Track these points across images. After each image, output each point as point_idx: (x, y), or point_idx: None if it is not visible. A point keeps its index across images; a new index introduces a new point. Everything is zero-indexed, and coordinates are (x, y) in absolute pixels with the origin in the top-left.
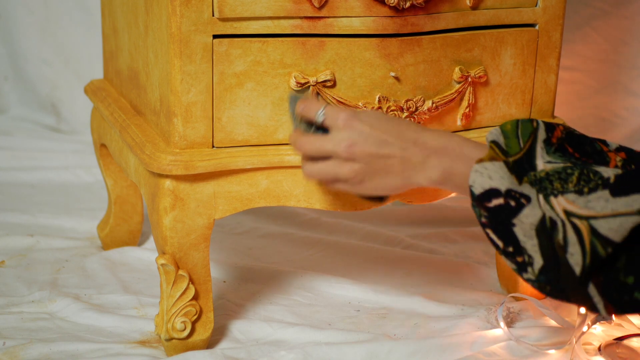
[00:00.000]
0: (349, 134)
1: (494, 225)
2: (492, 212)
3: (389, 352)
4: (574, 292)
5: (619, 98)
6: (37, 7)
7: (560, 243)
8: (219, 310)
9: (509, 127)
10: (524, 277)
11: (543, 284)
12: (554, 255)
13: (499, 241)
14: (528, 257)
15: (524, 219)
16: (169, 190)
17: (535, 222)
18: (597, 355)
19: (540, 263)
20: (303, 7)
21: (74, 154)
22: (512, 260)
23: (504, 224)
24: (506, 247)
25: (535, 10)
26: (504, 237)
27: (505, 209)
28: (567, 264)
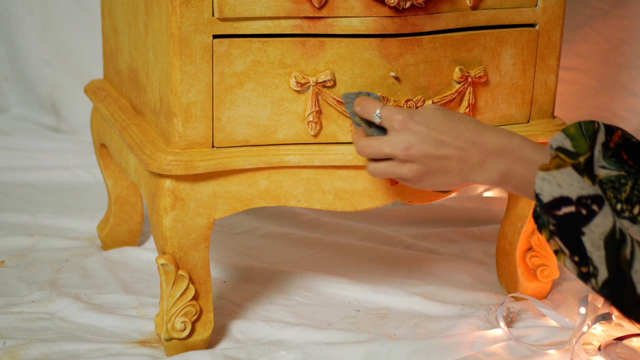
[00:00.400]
0: (406, 136)
1: (562, 233)
2: (562, 221)
3: (388, 352)
4: (633, 309)
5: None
6: (37, 7)
7: (626, 258)
8: (219, 310)
9: (573, 130)
10: (588, 285)
11: (604, 296)
12: (619, 270)
13: (566, 250)
14: (593, 269)
15: (595, 229)
16: (169, 190)
17: (606, 232)
18: (597, 355)
19: (605, 275)
20: (303, 7)
21: (74, 154)
22: (577, 270)
23: (573, 233)
24: (572, 255)
25: (535, 10)
26: (571, 246)
27: (576, 218)
28: (630, 280)
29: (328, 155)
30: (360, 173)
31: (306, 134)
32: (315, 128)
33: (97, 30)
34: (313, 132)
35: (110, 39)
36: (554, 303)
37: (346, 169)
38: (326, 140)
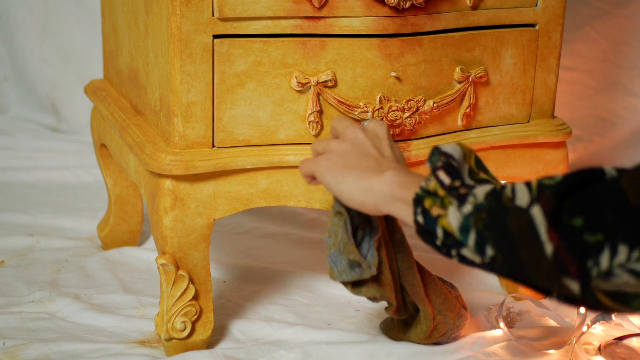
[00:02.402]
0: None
1: (447, 168)
2: (450, 164)
3: (389, 353)
4: (515, 218)
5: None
6: (37, 7)
7: (508, 196)
8: (219, 310)
9: None
10: (463, 212)
11: (479, 211)
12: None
13: (447, 178)
14: (473, 193)
15: (478, 190)
16: (169, 190)
17: (488, 190)
18: (597, 355)
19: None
20: (303, 7)
21: (74, 154)
22: (454, 194)
23: (457, 172)
24: (453, 182)
25: (535, 10)
26: (453, 176)
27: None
28: (514, 207)
29: None
30: None
31: (307, 133)
32: (316, 128)
33: (97, 30)
34: (314, 132)
35: (110, 39)
36: (554, 303)
37: None
38: None
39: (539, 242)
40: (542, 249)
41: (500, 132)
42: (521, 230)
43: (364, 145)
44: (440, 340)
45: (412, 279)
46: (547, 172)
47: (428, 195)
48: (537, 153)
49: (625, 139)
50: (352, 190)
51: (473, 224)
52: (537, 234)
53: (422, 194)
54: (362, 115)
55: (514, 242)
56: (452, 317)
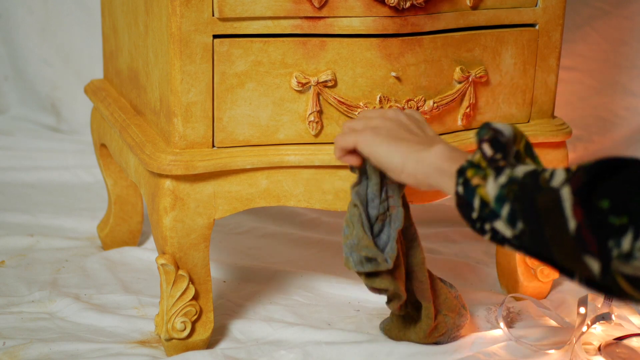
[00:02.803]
0: (407, 111)
1: (492, 142)
2: (497, 139)
3: (389, 353)
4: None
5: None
6: (37, 7)
7: (546, 177)
8: (219, 310)
9: None
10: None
11: (511, 184)
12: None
13: (489, 150)
14: (511, 166)
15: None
16: (169, 190)
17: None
18: (597, 355)
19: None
20: (303, 7)
21: (74, 154)
22: (493, 165)
23: (501, 146)
24: (495, 154)
25: (535, 10)
26: (496, 148)
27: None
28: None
29: (328, 155)
30: None
31: (307, 133)
32: (316, 128)
33: (97, 30)
34: (314, 132)
35: (110, 39)
36: (554, 303)
37: (346, 169)
38: (327, 140)
39: (563, 218)
40: (565, 225)
41: None
42: (548, 206)
43: (407, 124)
44: (440, 339)
45: (421, 276)
46: None
47: (471, 166)
48: (537, 153)
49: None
50: (405, 160)
51: (506, 195)
52: (562, 209)
53: (466, 165)
54: None
55: (540, 217)
56: (453, 317)
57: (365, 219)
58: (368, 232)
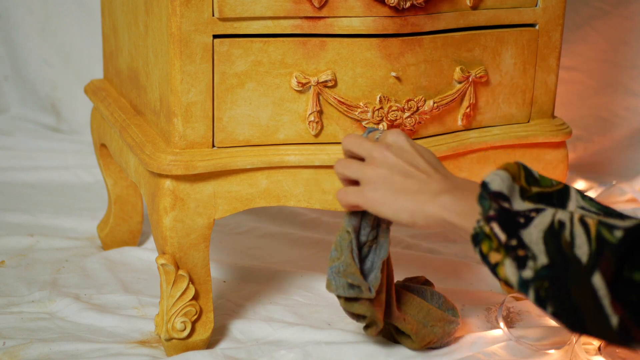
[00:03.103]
0: (391, 141)
1: (500, 220)
2: (502, 212)
3: (388, 353)
4: (577, 285)
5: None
6: (37, 7)
7: (567, 240)
8: (219, 310)
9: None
10: (522, 275)
11: (541, 280)
12: (560, 254)
13: (502, 234)
14: (532, 254)
15: (532, 230)
16: (169, 190)
17: (545, 227)
18: (597, 355)
19: (545, 261)
20: (303, 7)
21: (74, 154)
22: (512, 255)
23: (512, 222)
24: (509, 240)
25: (535, 10)
26: (508, 232)
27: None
28: (575, 257)
29: (328, 155)
30: None
31: (307, 133)
32: (316, 128)
33: (97, 30)
34: (314, 132)
35: (110, 39)
36: None
37: None
38: (327, 140)
39: (604, 315)
40: (607, 320)
41: (500, 132)
42: (585, 302)
43: (398, 165)
44: (433, 346)
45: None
46: (547, 172)
47: (485, 237)
48: (537, 153)
49: (625, 139)
50: (413, 217)
51: (537, 290)
52: (602, 307)
53: (479, 233)
54: (362, 115)
55: (578, 311)
56: (441, 326)
57: (355, 247)
58: (356, 261)
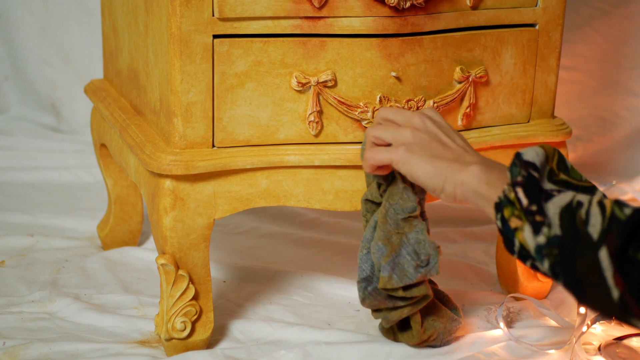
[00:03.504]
0: (429, 114)
1: (526, 186)
2: (531, 178)
3: (388, 353)
4: (583, 258)
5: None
6: (37, 7)
7: (582, 218)
8: (219, 310)
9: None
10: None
11: (551, 247)
12: (573, 229)
13: (525, 199)
14: (548, 221)
15: (551, 205)
16: (169, 190)
17: (563, 204)
18: (597, 355)
19: (558, 233)
20: (303, 7)
21: (74, 154)
22: (530, 218)
23: (537, 191)
24: (530, 205)
25: (535, 10)
26: (531, 198)
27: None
28: (586, 234)
29: (328, 155)
30: (360, 173)
31: (307, 133)
32: (316, 128)
33: (97, 30)
34: (314, 132)
35: (110, 39)
36: (554, 303)
37: (346, 169)
38: (327, 140)
39: (606, 286)
40: (609, 293)
41: (500, 132)
42: (589, 273)
43: (437, 134)
44: (433, 344)
45: None
46: None
47: (508, 203)
48: None
49: (625, 139)
50: (444, 182)
51: (546, 255)
52: (604, 278)
53: (502, 200)
54: (362, 115)
55: (582, 282)
56: (443, 322)
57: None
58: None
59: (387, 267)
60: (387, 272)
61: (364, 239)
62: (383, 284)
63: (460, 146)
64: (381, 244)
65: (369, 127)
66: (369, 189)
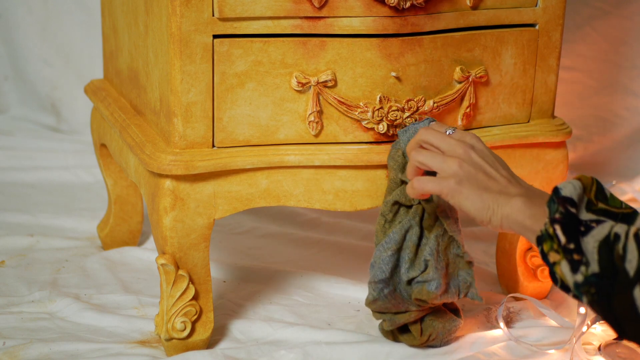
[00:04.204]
0: (472, 143)
1: (564, 224)
2: (567, 216)
3: (388, 353)
4: (620, 295)
5: (619, 98)
6: (37, 7)
7: (619, 253)
8: (219, 310)
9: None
10: (573, 279)
11: (589, 286)
12: (611, 265)
13: (562, 237)
14: (586, 259)
15: (590, 238)
16: (169, 190)
17: (601, 238)
18: (597, 355)
19: (596, 269)
20: (303, 7)
21: (74, 154)
22: (568, 257)
23: (574, 228)
24: (568, 243)
25: (535, 10)
26: (569, 235)
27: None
28: (624, 270)
29: (328, 155)
30: (360, 173)
31: (307, 133)
32: (316, 128)
33: (97, 30)
34: (314, 132)
35: (110, 39)
36: (554, 303)
37: (346, 169)
38: (327, 140)
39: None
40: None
41: (500, 132)
42: (625, 310)
43: (482, 166)
44: (433, 344)
45: None
46: (547, 171)
47: (547, 238)
48: (537, 153)
49: (625, 139)
50: (491, 215)
51: (584, 294)
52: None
53: (543, 234)
54: (362, 115)
55: (619, 320)
56: (442, 322)
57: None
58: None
59: (439, 284)
60: (437, 288)
61: (391, 240)
62: (425, 295)
63: (504, 176)
64: (433, 260)
65: (414, 152)
66: (398, 191)
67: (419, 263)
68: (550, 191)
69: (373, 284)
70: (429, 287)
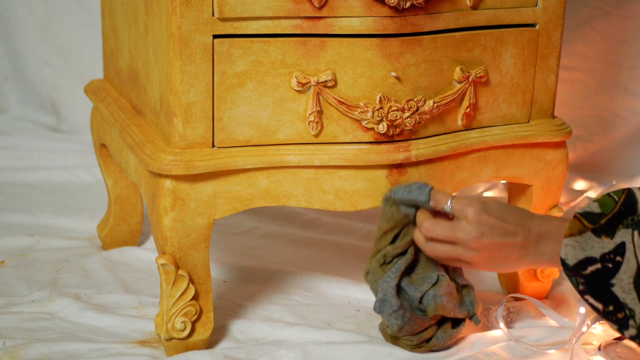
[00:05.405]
0: (479, 227)
1: (592, 290)
2: (590, 279)
3: (389, 353)
4: None
5: (619, 98)
6: (37, 7)
7: None
8: (219, 310)
9: (599, 196)
10: (626, 335)
11: None
12: None
13: (598, 304)
14: (629, 311)
15: (622, 276)
16: (169, 190)
17: (633, 274)
18: (597, 355)
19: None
20: (303, 7)
21: (74, 154)
22: (613, 319)
23: (603, 287)
24: (606, 307)
25: (535, 10)
26: (603, 299)
27: (603, 273)
28: None
29: (328, 155)
30: (360, 173)
31: (307, 133)
32: (316, 128)
33: (97, 30)
34: (314, 132)
35: (110, 39)
36: (554, 303)
37: (346, 169)
38: (327, 140)
39: None
40: None
41: (500, 132)
42: None
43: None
44: (435, 349)
45: None
46: (547, 171)
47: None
48: (537, 153)
49: (625, 139)
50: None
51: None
52: None
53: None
54: (362, 115)
55: None
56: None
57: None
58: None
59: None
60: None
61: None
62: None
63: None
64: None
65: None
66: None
67: (423, 275)
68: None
69: (393, 314)
70: (441, 300)
